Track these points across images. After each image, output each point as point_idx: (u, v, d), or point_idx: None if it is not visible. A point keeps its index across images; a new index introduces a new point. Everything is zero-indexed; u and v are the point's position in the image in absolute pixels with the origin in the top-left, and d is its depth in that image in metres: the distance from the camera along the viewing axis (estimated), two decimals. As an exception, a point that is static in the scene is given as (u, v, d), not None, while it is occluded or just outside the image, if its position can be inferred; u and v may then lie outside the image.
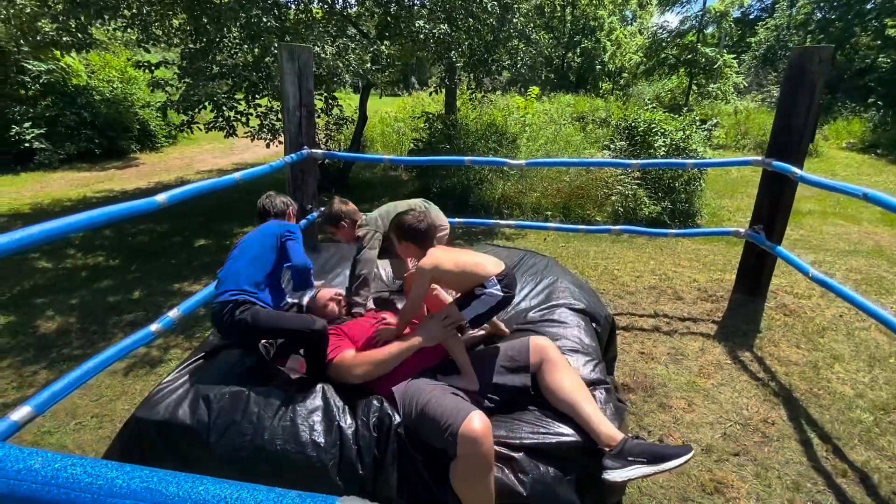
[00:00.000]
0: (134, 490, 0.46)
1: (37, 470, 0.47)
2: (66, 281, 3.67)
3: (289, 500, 0.45)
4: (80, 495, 0.45)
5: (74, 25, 3.68)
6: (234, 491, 0.46)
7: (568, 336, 2.03)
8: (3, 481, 0.49)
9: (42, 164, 7.72)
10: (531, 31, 5.47)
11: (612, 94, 18.38)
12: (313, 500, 0.45)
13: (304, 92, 3.24)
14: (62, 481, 0.46)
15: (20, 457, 0.48)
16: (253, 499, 0.46)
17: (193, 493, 0.46)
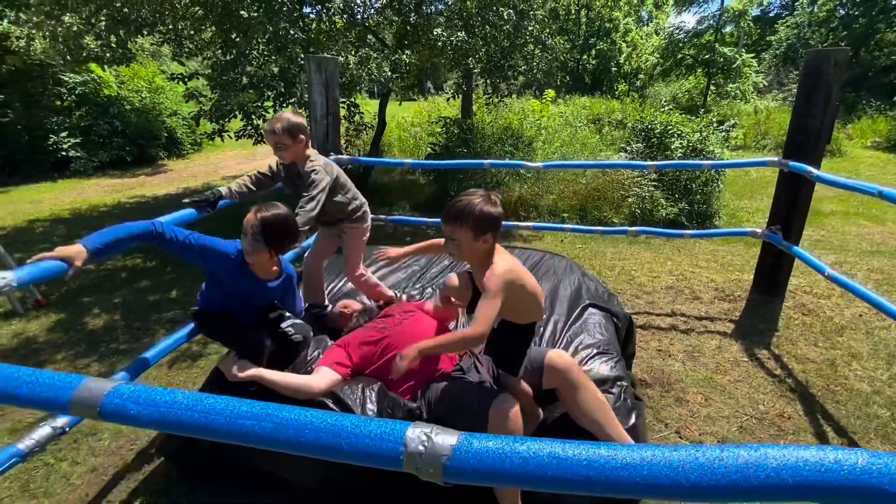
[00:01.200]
0: (256, 413, 0.58)
1: (180, 401, 0.60)
2: (108, 281, 3.90)
3: (364, 425, 0.57)
4: (216, 418, 0.58)
5: (115, 41, 3.93)
6: (317, 416, 0.59)
7: (590, 333, 2.12)
8: (154, 409, 0.62)
9: (77, 171, 8.10)
10: (547, 37, 5.56)
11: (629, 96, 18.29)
12: (382, 426, 0.57)
13: (330, 101, 3.40)
14: (201, 408, 0.59)
15: (164, 393, 0.62)
16: (331, 422, 0.58)
17: (295, 415, 0.58)
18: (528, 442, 0.53)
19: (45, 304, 3.44)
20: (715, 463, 0.49)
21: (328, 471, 1.63)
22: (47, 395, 0.63)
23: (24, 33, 4.31)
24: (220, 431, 0.58)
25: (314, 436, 0.56)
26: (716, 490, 0.47)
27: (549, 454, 0.51)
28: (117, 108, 8.91)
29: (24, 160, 7.88)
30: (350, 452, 0.55)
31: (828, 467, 0.46)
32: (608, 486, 0.48)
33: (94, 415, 0.62)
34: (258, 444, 0.59)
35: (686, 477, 0.48)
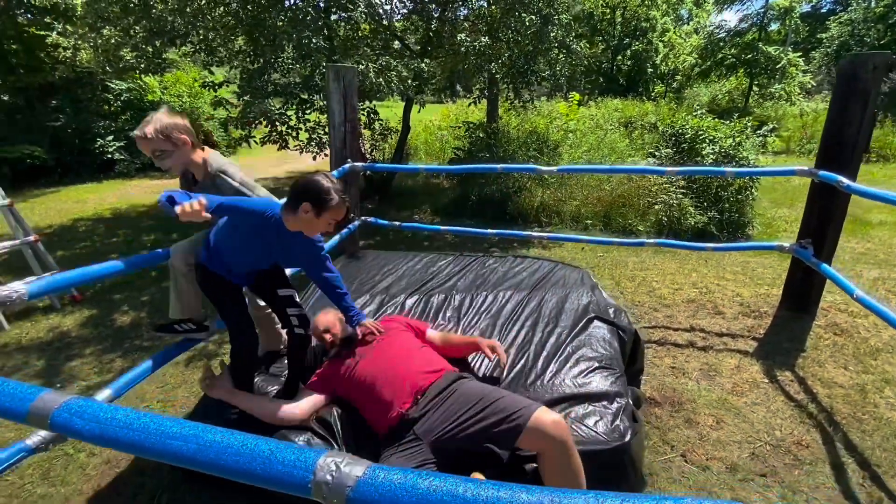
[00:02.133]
0: (184, 434, 0.61)
1: (119, 419, 0.64)
2: (139, 280, 4.10)
3: (279, 451, 0.58)
4: (148, 437, 0.61)
5: (151, 52, 4.16)
6: (238, 440, 0.60)
7: (592, 347, 2.08)
8: (96, 424, 0.65)
9: (121, 172, 8.57)
10: (571, 41, 5.47)
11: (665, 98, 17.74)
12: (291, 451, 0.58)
13: (348, 109, 3.46)
14: (136, 426, 0.62)
15: (106, 409, 0.65)
16: (250, 447, 0.60)
17: (218, 438, 0.60)
18: (431, 478, 0.53)
19: (80, 299, 3.66)
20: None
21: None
22: (8, 405, 0.68)
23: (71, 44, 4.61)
24: (151, 450, 0.61)
25: (232, 459, 0.58)
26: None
27: (449, 492, 0.51)
28: (159, 113, 9.37)
29: (73, 162, 8.40)
30: (264, 478, 0.57)
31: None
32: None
33: (46, 426, 0.66)
34: (184, 464, 0.61)
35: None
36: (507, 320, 2.32)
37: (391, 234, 5.41)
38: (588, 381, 1.86)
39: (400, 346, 1.84)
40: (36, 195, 7.35)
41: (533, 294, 2.53)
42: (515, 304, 2.45)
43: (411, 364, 1.74)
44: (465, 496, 0.50)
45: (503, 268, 2.91)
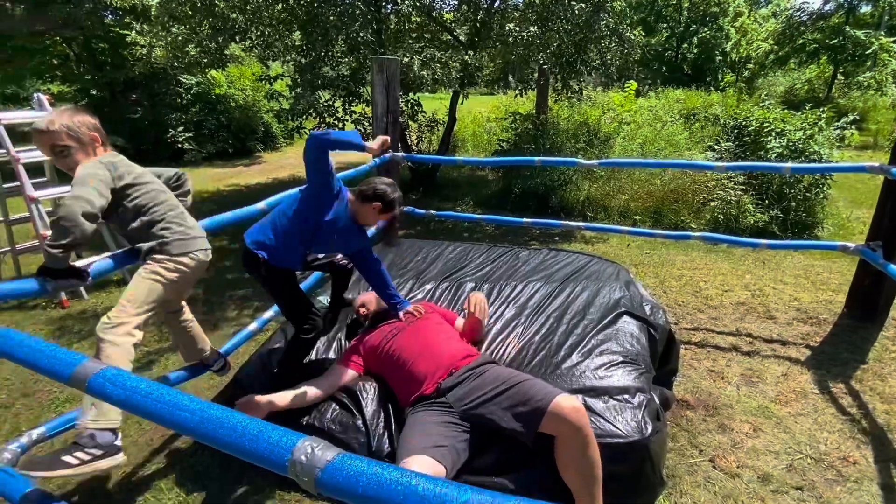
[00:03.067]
0: (191, 408, 0.69)
1: (142, 388, 0.73)
2: (199, 260, 4.45)
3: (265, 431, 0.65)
4: (162, 407, 0.70)
5: (213, 48, 4.47)
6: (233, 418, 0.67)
7: (619, 342, 2.03)
8: (122, 391, 0.75)
9: (189, 161, 9.25)
10: (625, 29, 5.24)
11: (734, 88, 16.54)
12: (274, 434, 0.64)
13: (391, 100, 3.54)
14: (155, 396, 0.71)
15: (134, 379, 0.75)
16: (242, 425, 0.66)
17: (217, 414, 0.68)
18: (392, 469, 0.58)
19: (148, 275, 4.02)
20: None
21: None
22: (55, 368, 0.79)
23: (147, 42, 5.04)
24: (162, 418, 0.70)
25: (226, 434, 0.65)
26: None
27: (404, 484, 0.55)
28: (224, 106, 10.01)
29: (149, 151, 9.16)
30: (250, 453, 0.63)
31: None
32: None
33: (84, 388, 0.77)
34: (188, 433, 0.69)
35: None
36: (533, 310, 2.31)
37: (432, 225, 5.49)
38: (610, 374, 1.83)
39: (436, 328, 1.96)
40: (117, 181, 8.11)
41: (564, 286, 2.50)
42: (544, 294, 2.43)
43: (446, 345, 1.85)
44: (418, 489, 0.54)
45: (536, 259, 2.88)
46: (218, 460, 1.97)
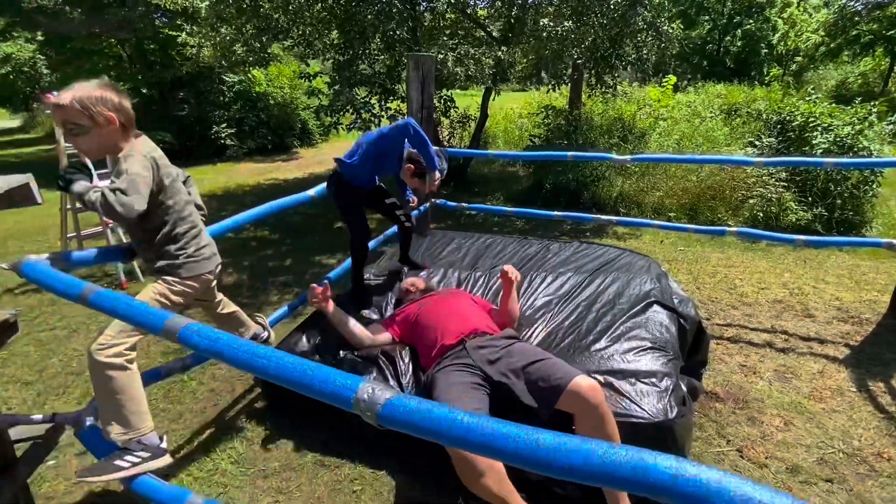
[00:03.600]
0: (267, 355, 0.82)
1: (223, 339, 0.87)
2: (242, 248, 4.71)
3: (333, 375, 0.76)
4: (241, 355, 0.83)
5: (258, 47, 4.70)
6: (305, 364, 0.79)
7: (648, 329, 2.06)
8: (208, 341, 0.88)
9: (231, 156, 9.69)
10: (662, 23, 5.16)
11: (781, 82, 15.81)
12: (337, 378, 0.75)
13: (426, 96, 3.64)
14: (235, 345, 0.84)
15: (215, 332, 0.88)
16: (313, 368, 0.78)
17: (291, 361, 0.80)
18: (439, 407, 0.68)
19: (196, 262, 4.30)
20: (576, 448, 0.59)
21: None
22: (149, 323, 0.94)
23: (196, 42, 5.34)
24: (245, 364, 0.82)
25: (299, 377, 0.77)
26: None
27: (450, 418, 0.65)
28: (263, 103, 10.41)
29: (194, 147, 9.66)
30: (322, 392, 0.75)
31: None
32: (473, 445, 0.62)
33: (175, 339, 0.90)
34: (263, 376, 0.81)
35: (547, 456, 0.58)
36: (563, 298, 2.37)
37: (462, 219, 5.57)
38: (638, 358, 1.88)
39: (468, 301, 2.13)
40: (165, 174, 8.59)
41: (594, 277, 2.54)
42: (574, 284, 2.49)
43: (474, 313, 2.02)
44: (462, 421, 0.64)
45: (567, 252, 2.93)
46: (262, 427, 2.13)
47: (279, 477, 1.87)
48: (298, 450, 2.00)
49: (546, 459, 0.59)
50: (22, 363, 2.69)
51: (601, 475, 0.57)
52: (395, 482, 1.83)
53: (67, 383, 2.52)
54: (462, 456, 1.43)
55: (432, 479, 1.83)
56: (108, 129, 1.36)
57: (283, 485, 1.84)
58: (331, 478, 1.86)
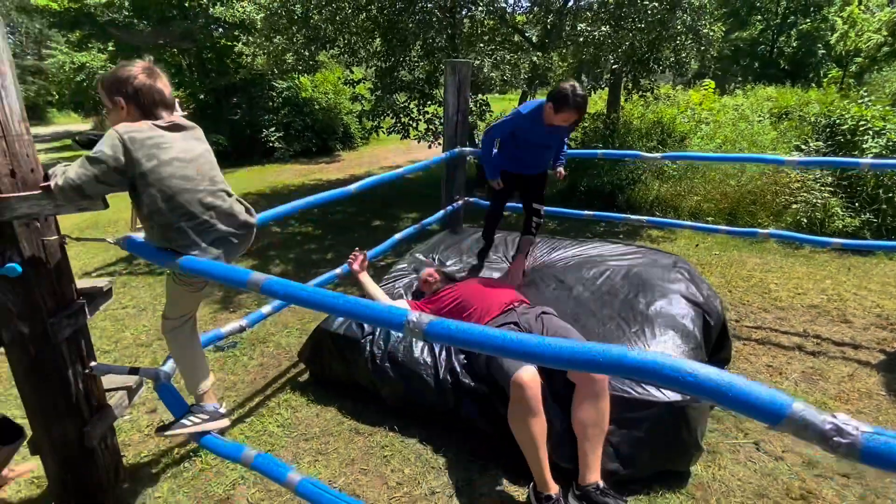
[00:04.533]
0: (335, 297, 1.02)
1: (300, 287, 1.07)
2: (288, 242, 5.05)
3: (390, 308, 0.94)
4: (314, 296, 1.04)
5: (307, 55, 5.05)
6: (365, 302, 0.98)
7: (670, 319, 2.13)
8: (288, 289, 1.10)
9: (278, 158, 10.24)
10: (702, 25, 5.12)
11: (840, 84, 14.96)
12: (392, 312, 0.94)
13: (461, 100, 3.82)
14: (309, 292, 1.05)
15: (294, 284, 1.09)
16: (371, 305, 0.96)
17: (353, 302, 0.99)
18: (472, 326, 0.85)
19: (248, 251, 4.66)
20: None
21: (406, 391, 2.09)
22: (233, 277, 1.17)
23: (251, 52, 5.77)
24: (319, 304, 1.04)
25: (367, 310, 0.97)
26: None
27: (482, 333, 0.83)
28: (309, 108, 10.94)
29: (245, 149, 10.28)
30: (380, 320, 0.96)
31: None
32: (510, 350, 0.80)
33: (259, 290, 1.12)
34: (336, 312, 1.03)
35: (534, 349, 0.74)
36: (587, 288, 2.47)
37: (496, 220, 5.70)
38: (657, 345, 1.97)
39: (496, 282, 2.40)
40: (219, 174, 9.21)
41: (619, 271, 2.63)
42: (600, 277, 2.58)
43: (507, 290, 2.28)
44: (496, 337, 0.82)
45: (595, 250, 3.02)
46: (305, 397, 2.36)
47: (319, 440, 2.09)
48: (336, 418, 2.21)
49: (538, 352, 0.76)
50: (101, 335, 3.07)
51: (590, 363, 0.72)
52: (421, 450, 2.01)
53: (138, 354, 2.86)
54: (518, 396, 1.64)
55: (454, 449, 1.99)
56: (119, 113, 1.37)
57: (322, 447, 2.05)
58: (364, 443, 2.06)
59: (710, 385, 0.61)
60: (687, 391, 0.64)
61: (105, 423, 1.64)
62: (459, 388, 1.99)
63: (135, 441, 2.12)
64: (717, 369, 0.65)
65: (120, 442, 2.09)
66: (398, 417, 2.16)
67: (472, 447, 1.98)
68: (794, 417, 0.64)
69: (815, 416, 0.63)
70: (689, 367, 0.63)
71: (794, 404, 0.64)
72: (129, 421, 2.24)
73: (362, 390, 2.30)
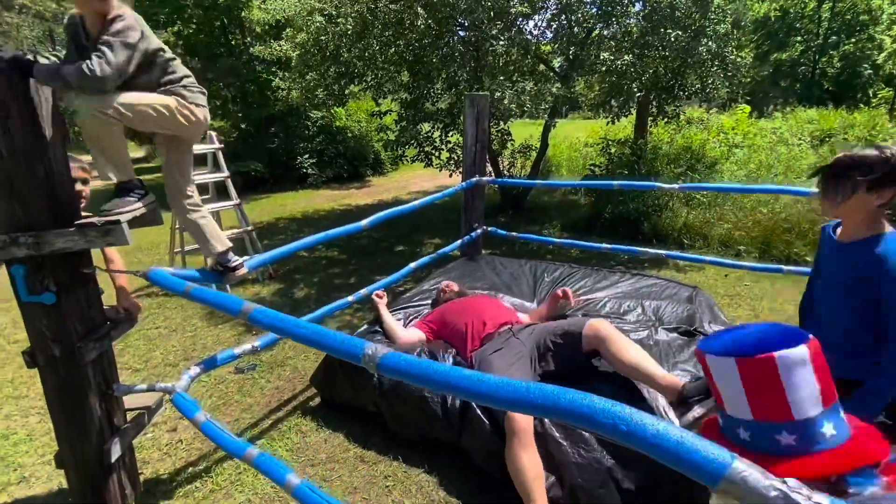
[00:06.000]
0: (304, 325, 1.07)
1: (280, 317, 1.14)
2: (313, 266, 5.22)
3: (348, 339, 0.99)
4: (290, 326, 1.10)
5: (337, 89, 5.34)
6: (329, 333, 1.03)
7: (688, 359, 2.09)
8: (268, 319, 1.17)
9: (311, 184, 10.66)
10: (729, 52, 5.07)
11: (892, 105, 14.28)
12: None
13: (479, 131, 3.92)
14: (287, 322, 1.11)
15: (279, 315, 1.16)
16: (332, 336, 1.02)
17: (320, 333, 1.05)
18: (426, 363, 0.88)
19: (274, 276, 4.86)
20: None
21: (412, 419, 2.11)
22: (229, 306, 1.25)
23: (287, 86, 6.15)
24: (292, 334, 1.09)
25: (331, 341, 1.02)
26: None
27: (426, 367, 0.85)
28: (342, 136, 11.40)
29: (281, 175, 10.77)
30: (339, 351, 0.99)
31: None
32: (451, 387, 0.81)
33: (247, 319, 1.20)
34: (302, 342, 1.07)
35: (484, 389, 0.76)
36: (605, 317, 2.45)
37: (517, 246, 5.71)
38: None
39: (498, 303, 2.49)
40: (255, 199, 9.68)
41: (635, 301, 2.59)
42: (613, 306, 2.56)
43: (505, 311, 2.37)
44: (439, 371, 0.85)
45: (611, 279, 2.99)
46: (315, 422, 2.42)
47: (325, 466, 2.13)
48: (343, 445, 2.26)
49: (484, 392, 0.77)
50: (133, 353, 3.26)
51: (524, 403, 0.74)
52: (424, 481, 2.01)
53: (165, 373, 3.01)
54: (516, 428, 1.68)
55: (458, 483, 1.99)
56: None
57: (327, 473, 2.09)
58: (368, 472, 2.09)
59: (643, 435, 0.61)
60: (619, 440, 0.64)
61: (124, 441, 1.74)
62: (464, 420, 2.00)
63: (154, 458, 2.22)
64: (654, 418, 0.64)
65: (140, 459, 2.20)
66: (403, 446, 2.18)
67: (477, 482, 1.97)
68: (734, 479, 0.58)
69: (758, 481, 0.57)
70: (622, 412, 0.64)
71: (735, 463, 0.58)
72: (151, 439, 2.36)
73: (370, 417, 2.34)
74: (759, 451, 0.75)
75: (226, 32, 10.94)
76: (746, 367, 0.75)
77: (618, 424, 0.62)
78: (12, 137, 1.33)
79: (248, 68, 10.21)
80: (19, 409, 2.65)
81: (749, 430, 0.77)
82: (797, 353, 0.73)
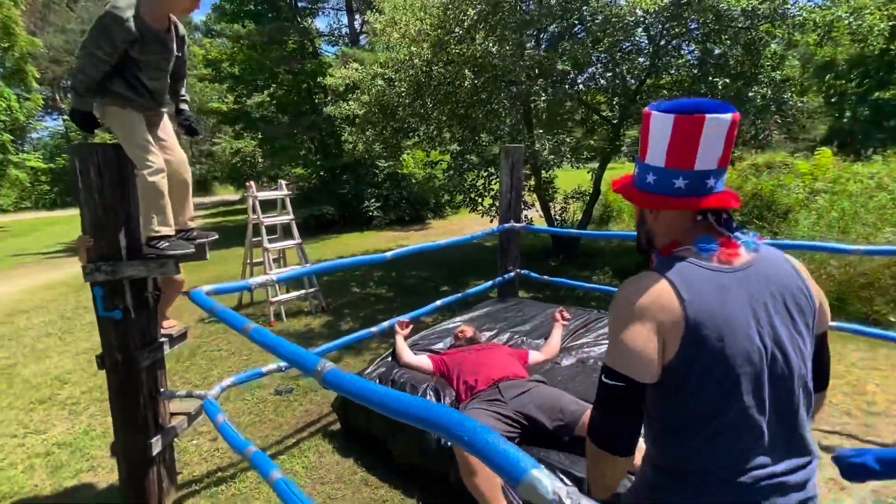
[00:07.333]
0: (286, 345, 1.32)
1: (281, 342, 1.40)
2: (362, 301, 5.60)
3: (305, 354, 1.21)
4: (280, 349, 1.35)
5: (393, 143, 5.90)
6: (290, 347, 1.26)
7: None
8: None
9: (376, 226, 11.42)
10: (789, 97, 4.90)
11: None
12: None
13: (514, 180, 4.14)
14: (291, 349, 1.37)
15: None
16: (292, 350, 1.24)
17: (291, 349, 1.28)
18: (360, 380, 1.06)
19: (326, 309, 5.29)
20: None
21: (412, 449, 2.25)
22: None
23: (353, 140, 6.88)
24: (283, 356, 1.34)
25: (282, 349, 1.24)
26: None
27: (363, 387, 1.04)
28: (406, 182, 12.19)
29: (350, 217, 11.69)
30: (293, 360, 1.21)
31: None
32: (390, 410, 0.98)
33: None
34: (264, 347, 1.31)
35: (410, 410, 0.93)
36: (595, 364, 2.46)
37: (562, 292, 5.70)
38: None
39: (505, 353, 2.49)
40: (324, 239, 10.56)
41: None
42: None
43: (508, 363, 2.36)
44: (367, 388, 1.03)
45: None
46: (332, 444, 2.63)
47: (332, 486, 2.32)
48: (352, 468, 2.44)
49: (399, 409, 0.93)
50: (196, 371, 3.74)
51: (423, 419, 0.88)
52: (417, 510, 2.12)
53: (218, 390, 3.42)
54: (461, 454, 1.77)
55: (449, 513, 2.07)
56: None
57: (333, 492, 2.27)
58: (369, 495, 2.24)
59: (467, 439, 0.75)
60: (455, 442, 0.78)
61: (166, 439, 2.08)
62: (453, 456, 2.09)
63: (193, 461, 2.55)
64: (474, 421, 0.78)
65: (182, 461, 2.54)
66: (403, 475, 2.31)
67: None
68: (528, 482, 0.67)
69: (544, 486, 0.66)
70: (458, 419, 0.78)
71: (534, 471, 0.67)
72: (195, 445, 2.71)
73: (380, 444, 2.51)
74: (658, 192, 0.96)
75: (311, 94, 12.43)
76: (681, 122, 0.90)
77: (459, 432, 0.78)
78: (106, 198, 1.79)
79: (328, 122, 11.47)
80: (101, 410, 3.16)
81: (656, 175, 0.96)
82: (724, 118, 0.89)
